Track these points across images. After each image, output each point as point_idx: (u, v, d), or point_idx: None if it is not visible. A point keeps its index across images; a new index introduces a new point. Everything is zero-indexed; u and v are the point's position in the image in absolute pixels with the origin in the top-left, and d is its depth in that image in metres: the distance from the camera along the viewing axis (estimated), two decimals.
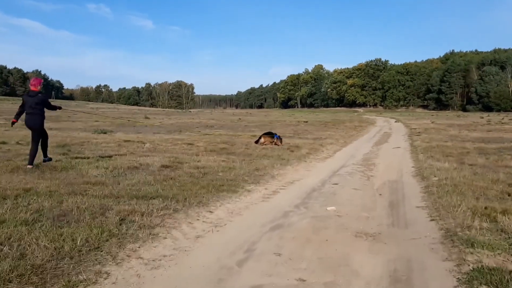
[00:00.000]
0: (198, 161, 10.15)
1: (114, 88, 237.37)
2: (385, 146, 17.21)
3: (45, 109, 8.43)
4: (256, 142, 15.98)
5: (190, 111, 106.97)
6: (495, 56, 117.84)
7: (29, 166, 8.13)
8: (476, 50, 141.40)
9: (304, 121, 43.10)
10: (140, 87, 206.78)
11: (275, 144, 15.62)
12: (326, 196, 6.92)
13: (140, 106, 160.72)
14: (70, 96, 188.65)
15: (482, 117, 53.64)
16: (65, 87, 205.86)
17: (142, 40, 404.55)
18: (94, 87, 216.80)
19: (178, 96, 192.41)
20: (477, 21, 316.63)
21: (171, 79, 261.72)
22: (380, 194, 7.33)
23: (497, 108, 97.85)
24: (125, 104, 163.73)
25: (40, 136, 8.43)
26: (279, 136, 16.31)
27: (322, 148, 15.86)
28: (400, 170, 10.40)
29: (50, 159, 8.78)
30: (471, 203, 5.81)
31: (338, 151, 15.31)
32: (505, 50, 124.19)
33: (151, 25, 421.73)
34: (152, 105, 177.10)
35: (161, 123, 33.84)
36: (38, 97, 8.21)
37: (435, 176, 8.52)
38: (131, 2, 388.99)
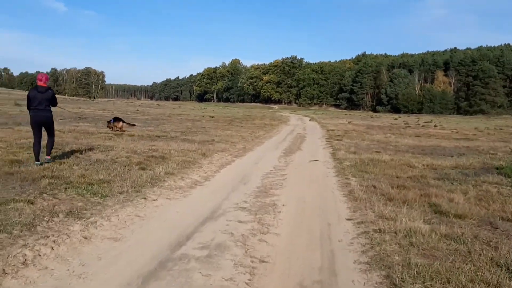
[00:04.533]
0: None
1: (16, 72, 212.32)
2: (297, 157, 11.82)
3: None
4: (110, 127, 15.61)
5: (92, 100, 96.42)
6: (403, 59, 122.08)
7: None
8: (385, 54, 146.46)
9: (210, 116, 37.19)
10: (45, 72, 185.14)
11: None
12: None
13: None
14: None
15: (396, 119, 51.97)
16: None
17: (52, 22, 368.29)
18: None
19: (87, 84, 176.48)
20: (387, 27, 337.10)
21: (82, 65, 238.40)
22: None
23: (405, 110, 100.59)
24: (26, 90, 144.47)
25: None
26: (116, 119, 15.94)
27: (203, 160, 10.04)
28: (325, 231, 4.88)
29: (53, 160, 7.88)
30: None
31: (225, 167, 9.56)
32: (412, 55, 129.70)
33: (63, 7, 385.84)
34: (57, 93, 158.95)
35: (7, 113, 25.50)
36: (48, 93, 7.77)
37: (424, 282, 3.04)
38: None
